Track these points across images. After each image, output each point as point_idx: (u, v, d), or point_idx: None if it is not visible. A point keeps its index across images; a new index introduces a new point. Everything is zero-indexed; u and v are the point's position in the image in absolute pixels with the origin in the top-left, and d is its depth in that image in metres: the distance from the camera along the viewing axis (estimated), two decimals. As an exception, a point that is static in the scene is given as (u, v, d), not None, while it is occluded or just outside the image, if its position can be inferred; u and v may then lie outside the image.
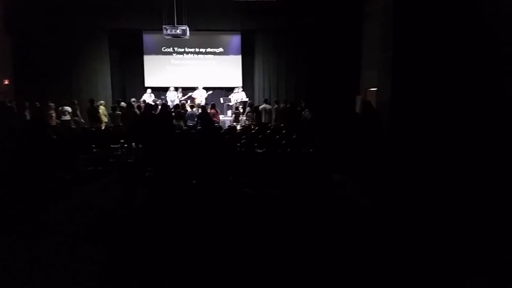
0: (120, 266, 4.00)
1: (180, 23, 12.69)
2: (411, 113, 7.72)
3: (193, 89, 14.81)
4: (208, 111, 10.60)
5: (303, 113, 11.32)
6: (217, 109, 11.97)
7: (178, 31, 12.21)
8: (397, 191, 6.45)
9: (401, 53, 7.89)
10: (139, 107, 11.67)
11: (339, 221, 5.20)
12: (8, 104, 11.04)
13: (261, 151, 7.35)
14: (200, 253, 4.19)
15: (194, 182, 6.07)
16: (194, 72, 15.78)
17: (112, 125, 10.49)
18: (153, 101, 13.44)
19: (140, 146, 8.65)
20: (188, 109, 11.66)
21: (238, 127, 10.90)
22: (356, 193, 6.57)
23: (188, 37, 12.90)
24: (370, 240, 4.58)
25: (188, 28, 12.46)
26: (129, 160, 7.62)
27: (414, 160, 7.12)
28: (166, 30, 12.20)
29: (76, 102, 12.36)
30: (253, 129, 9.73)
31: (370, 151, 7.45)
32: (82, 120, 12.04)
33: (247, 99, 14.14)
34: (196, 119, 10.38)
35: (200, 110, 11.00)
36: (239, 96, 14.40)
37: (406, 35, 7.82)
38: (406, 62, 7.82)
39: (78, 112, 12.08)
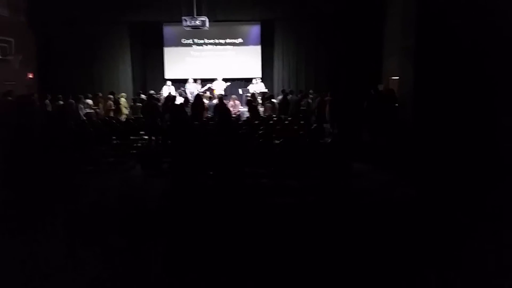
0: (134, 257, 4.03)
1: (199, 14, 12.66)
2: (434, 102, 7.53)
3: (212, 80, 14.78)
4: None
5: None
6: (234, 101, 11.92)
7: (198, 22, 12.19)
8: (419, 182, 6.30)
9: (423, 41, 7.68)
10: (157, 99, 11.72)
11: (356, 213, 5.11)
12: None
13: (278, 141, 7.30)
14: (214, 245, 4.18)
15: (211, 173, 6.08)
16: (213, 64, 15.74)
17: (133, 117, 10.60)
18: (178, 93, 13.41)
19: (157, 137, 8.72)
20: (206, 101, 11.65)
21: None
22: (376, 184, 6.44)
23: (207, 28, 12.85)
24: (385, 234, 4.48)
25: (207, 19, 12.41)
26: (148, 151, 7.68)
27: (437, 150, 6.94)
28: (186, 21, 12.20)
29: (100, 95, 12.52)
30: (271, 120, 9.65)
31: (391, 139, 7.32)
32: (103, 111, 12.20)
33: (266, 90, 14.02)
34: (213, 111, 10.39)
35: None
36: (258, 87, 14.29)
37: (428, 23, 7.61)
38: (428, 50, 7.62)
39: (101, 105, 12.22)
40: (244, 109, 13.56)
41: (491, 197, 5.45)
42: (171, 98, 10.77)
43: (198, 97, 9.98)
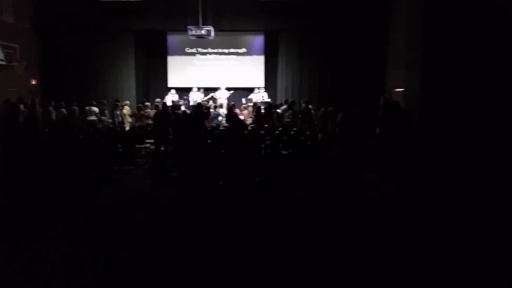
0: (141, 265, 4.00)
1: (205, 23, 12.72)
2: (440, 113, 7.56)
3: (216, 89, 14.83)
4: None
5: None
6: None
7: (203, 32, 12.25)
8: (426, 193, 6.30)
9: (431, 53, 7.74)
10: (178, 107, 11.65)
11: (364, 224, 5.10)
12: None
13: (286, 152, 7.29)
14: (223, 253, 4.16)
15: (221, 183, 6.07)
16: (216, 73, 15.82)
17: (137, 125, 10.58)
18: (177, 101, 13.48)
19: (167, 147, 8.71)
20: (211, 110, 11.66)
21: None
22: (385, 195, 6.43)
23: (212, 38, 12.90)
24: (395, 244, 4.48)
25: (213, 29, 12.47)
26: (157, 160, 7.65)
27: (444, 161, 6.95)
28: (191, 30, 12.26)
29: (105, 102, 12.50)
30: (276, 130, 9.64)
31: (398, 150, 7.34)
32: (109, 120, 12.16)
33: (269, 100, 14.06)
34: (220, 119, 10.38)
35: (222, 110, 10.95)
36: (260, 96, 14.33)
37: (436, 35, 7.67)
38: (435, 62, 7.67)
39: (106, 112, 12.19)
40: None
41: (498, 208, 5.47)
42: (175, 106, 10.78)
43: (199, 106, 9.94)
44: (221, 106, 13.10)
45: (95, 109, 11.95)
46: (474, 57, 7.29)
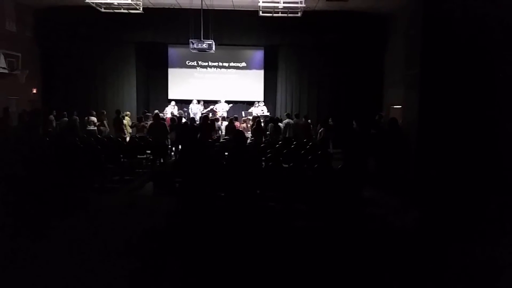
0: (144, 277, 4.03)
1: (205, 37, 12.90)
2: (439, 130, 7.68)
3: (215, 102, 14.97)
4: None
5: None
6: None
7: (204, 45, 12.40)
8: (425, 209, 6.39)
9: (429, 71, 7.88)
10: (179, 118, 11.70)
11: (365, 239, 5.17)
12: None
13: (286, 165, 7.37)
14: (224, 265, 4.20)
15: (222, 194, 6.11)
16: (216, 86, 15.99)
17: (137, 136, 10.63)
18: (179, 113, 13.59)
19: (165, 158, 8.78)
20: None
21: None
22: (384, 210, 6.51)
23: (213, 52, 13.08)
24: (396, 260, 4.54)
25: (214, 43, 12.65)
26: (155, 171, 7.71)
27: (443, 178, 7.06)
28: (193, 44, 12.41)
29: (104, 112, 12.57)
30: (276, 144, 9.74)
31: (397, 166, 7.43)
32: (108, 129, 12.22)
33: (268, 113, 14.21)
34: (221, 132, 10.48)
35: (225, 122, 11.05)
36: (259, 110, 14.48)
37: (434, 53, 7.82)
38: (433, 80, 7.81)
39: (105, 122, 12.25)
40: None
41: (497, 219, 5.56)
42: (176, 118, 10.88)
43: (206, 118, 10.07)
44: (223, 119, 13.21)
45: (94, 119, 12.02)
46: (471, 75, 7.45)
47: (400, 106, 10.85)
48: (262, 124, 11.82)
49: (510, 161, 7.03)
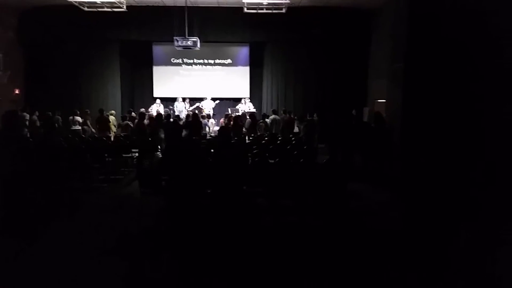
0: (134, 276, 4.02)
1: (190, 34, 12.85)
2: (422, 123, 7.78)
3: (201, 99, 14.93)
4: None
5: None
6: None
7: (189, 43, 12.35)
8: (409, 201, 6.47)
9: (413, 65, 7.97)
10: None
11: (352, 232, 5.22)
12: (20, 113, 11.13)
13: (273, 161, 7.39)
14: (213, 263, 4.22)
15: (209, 191, 6.11)
16: (202, 83, 15.94)
17: (122, 135, 10.55)
18: (165, 111, 13.51)
19: (151, 157, 8.73)
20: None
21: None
22: (369, 203, 6.58)
23: (198, 49, 13.03)
24: (382, 253, 4.60)
25: (198, 40, 12.60)
26: (145, 169, 7.67)
27: (426, 170, 7.15)
28: (177, 41, 12.34)
29: (88, 112, 12.45)
30: (262, 139, 9.76)
31: (382, 159, 7.51)
32: (92, 129, 12.10)
33: (254, 110, 14.24)
34: (208, 129, 10.46)
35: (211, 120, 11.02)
36: (246, 107, 14.50)
37: (418, 47, 7.91)
38: (417, 74, 7.91)
39: (88, 122, 12.14)
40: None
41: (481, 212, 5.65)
42: (162, 116, 10.81)
43: (195, 115, 10.03)
44: (208, 116, 13.16)
45: (78, 118, 11.89)
46: (454, 69, 7.55)
47: (384, 100, 10.95)
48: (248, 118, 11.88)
49: (493, 154, 7.15)
